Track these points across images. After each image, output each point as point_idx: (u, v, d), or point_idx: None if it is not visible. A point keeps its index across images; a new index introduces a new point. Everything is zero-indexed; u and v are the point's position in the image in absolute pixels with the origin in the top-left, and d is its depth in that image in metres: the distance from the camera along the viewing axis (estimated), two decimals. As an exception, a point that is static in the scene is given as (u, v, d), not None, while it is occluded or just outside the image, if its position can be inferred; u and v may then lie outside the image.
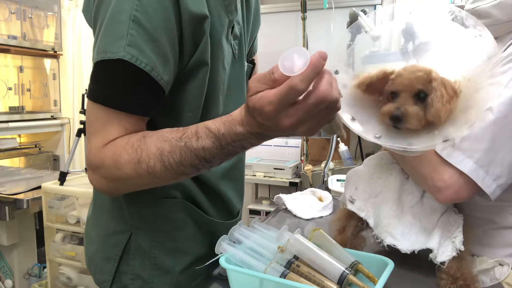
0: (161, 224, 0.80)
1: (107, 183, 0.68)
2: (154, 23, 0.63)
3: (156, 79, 0.65)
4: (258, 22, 0.99)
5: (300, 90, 0.51)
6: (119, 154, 0.64)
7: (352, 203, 0.87)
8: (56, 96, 3.34)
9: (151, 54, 0.63)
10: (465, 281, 0.72)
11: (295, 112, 0.53)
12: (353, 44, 0.94)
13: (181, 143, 0.62)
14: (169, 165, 0.62)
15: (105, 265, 0.82)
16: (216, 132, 0.60)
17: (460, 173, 0.72)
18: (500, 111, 0.72)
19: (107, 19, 0.64)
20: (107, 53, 0.63)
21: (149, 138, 0.64)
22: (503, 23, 0.82)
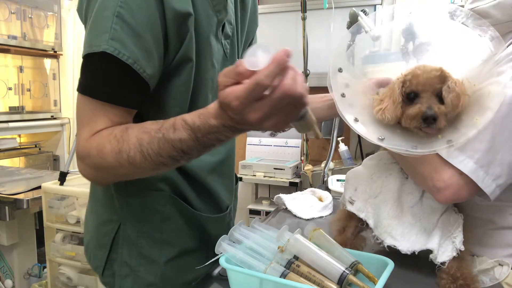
0: (148, 215, 0.83)
1: (93, 172, 0.71)
2: (137, 19, 0.66)
3: (139, 72, 0.67)
4: (255, 23, 1.00)
5: (264, 86, 0.52)
6: (103, 144, 0.67)
7: (351, 204, 0.87)
8: (56, 96, 3.33)
9: (134, 48, 0.66)
10: (465, 281, 0.72)
11: (261, 107, 0.54)
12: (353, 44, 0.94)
13: (159, 135, 0.64)
14: (148, 155, 0.65)
15: (98, 252, 0.87)
16: (192, 124, 0.62)
17: (460, 173, 0.72)
18: (500, 111, 0.72)
19: (94, 15, 0.67)
20: (92, 47, 0.66)
21: (130, 129, 0.67)
22: (502, 23, 0.82)
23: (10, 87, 2.95)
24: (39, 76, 3.23)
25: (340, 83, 0.82)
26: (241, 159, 2.94)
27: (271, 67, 0.52)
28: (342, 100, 0.78)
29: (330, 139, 2.20)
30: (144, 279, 0.84)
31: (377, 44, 0.99)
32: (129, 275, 0.84)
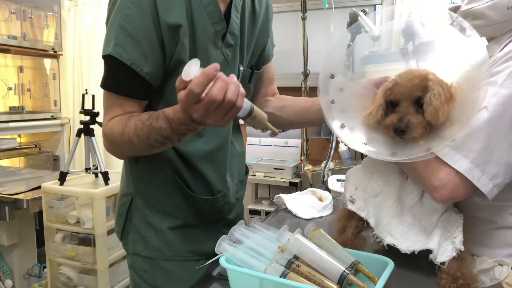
0: (152, 190, 1.00)
1: (110, 147, 0.92)
2: (136, 30, 0.85)
3: (136, 71, 0.86)
4: (266, 35, 1.10)
5: (196, 93, 0.67)
6: (113, 127, 0.88)
7: (352, 203, 0.87)
8: (56, 96, 3.33)
9: (133, 52, 0.85)
10: (465, 281, 0.72)
11: (198, 109, 0.70)
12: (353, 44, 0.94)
13: (147, 123, 0.82)
14: (141, 138, 0.84)
15: (118, 219, 1.06)
16: (168, 116, 0.79)
17: (456, 172, 0.72)
18: (496, 110, 0.72)
19: (108, 27, 0.88)
20: (103, 51, 0.87)
21: (132, 117, 0.87)
22: (498, 24, 0.82)
23: (10, 87, 2.95)
24: (39, 76, 3.23)
25: (332, 89, 0.84)
26: (241, 159, 2.94)
27: (200, 78, 0.67)
28: (331, 107, 0.82)
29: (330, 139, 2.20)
30: (152, 244, 1.00)
31: (377, 44, 0.99)
32: (141, 240, 1.01)
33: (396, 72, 0.79)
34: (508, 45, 0.79)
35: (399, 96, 0.75)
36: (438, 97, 0.70)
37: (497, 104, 0.72)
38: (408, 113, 0.73)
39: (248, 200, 3.02)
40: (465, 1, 0.87)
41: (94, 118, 2.03)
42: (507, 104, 0.72)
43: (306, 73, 2.80)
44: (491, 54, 0.83)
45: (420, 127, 0.72)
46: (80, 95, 2.46)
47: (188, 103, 0.70)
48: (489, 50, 0.85)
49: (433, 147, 0.71)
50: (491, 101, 0.73)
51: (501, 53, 0.77)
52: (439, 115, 0.70)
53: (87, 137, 2.01)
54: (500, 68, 0.75)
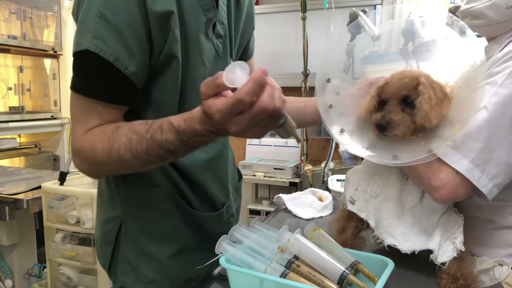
0: (146, 211, 0.86)
1: (87, 166, 0.75)
2: (119, 19, 0.69)
3: (120, 69, 0.70)
4: (251, 25, 1.01)
5: (245, 103, 0.57)
6: (94, 142, 0.71)
7: (352, 203, 0.87)
8: (56, 96, 3.33)
9: (116, 46, 0.69)
10: (466, 281, 0.72)
11: (241, 121, 0.59)
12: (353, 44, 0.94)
13: (147, 135, 0.68)
14: (137, 154, 0.69)
15: (104, 249, 0.90)
16: (178, 128, 0.66)
17: (456, 172, 0.72)
18: (496, 110, 0.72)
19: (81, 16, 0.71)
20: (76, 45, 0.70)
21: (121, 129, 0.71)
22: (497, 24, 0.82)
23: (10, 87, 2.95)
24: (39, 76, 3.23)
25: (330, 92, 0.84)
26: (241, 159, 2.94)
27: (250, 85, 0.56)
28: (329, 112, 0.82)
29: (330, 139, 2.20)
30: (145, 276, 0.86)
31: (377, 44, 0.99)
32: (131, 272, 0.86)
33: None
34: (508, 45, 0.79)
35: (388, 95, 0.76)
36: (428, 101, 0.71)
37: (497, 104, 0.72)
38: (391, 111, 0.74)
39: (248, 200, 3.02)
40: (464, 1, 0.87)
41: (94, 118, 2.03)
42: (507, 104, 0.72)
43: (306, 73, 2.80)
44: (491, 54, 0.83)
45: (402, 125, 0.73)
46: (80, 95, 2.46)
47: (231, 114, 0.58)
48: (489, 50, 0.85)
49: (434, 148, 0.71)
50: (491, 101, 0.73)
51: (501, 53, 0.77)
52: (431, 118, 0.71)
53: (87, 137, 2.01)
54: (500, 68, 0.75)
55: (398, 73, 0.77)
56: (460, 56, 0.79)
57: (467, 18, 0.86)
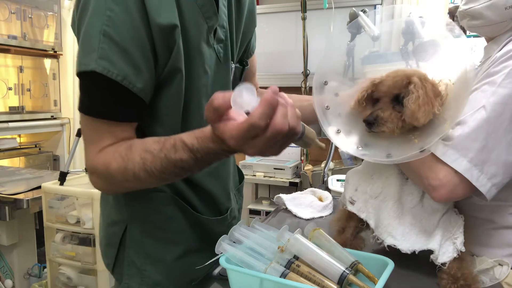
0: (151, 215, 0.86)
1: (103, 184, 0.76)
2: (123, 36, 0.68)
3: (129, 88, 0.69)
4: (253, 23, 0.99)
5: (260, 127, 0.55)
6: (109, 162, 0.71)
7: (352, 204, 0.87)
8: (56, 96, 3.33)
9: (122, 64, 0.68)
10: (466, 281, 0.72)
11: (257, 144, 0.57)
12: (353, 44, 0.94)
13: (161, 155, 0.67)
14: (152, 173, 0.69)
15: (108, 251, 0.92)
16: (191, 147, 0.65)
17: (454, 171, 0.73)
18: (494, 110, 0.72)
19: (82, 34, 0.70)
20: (81, 66, 0.68)
21: (134, 148, 0.71)
22: (496, 24, 0.82)
23: (10, 87, 2.95)
24: (39, 76, 3.23)
25: (328, 93, 0.84)
26: (241, 159, 2.94)
27: (262, 108, 0.54)
28: (326, 113, 0.82)
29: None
30: (151, 278, 0.86)
31: (377, 44, 0.99)
32: (136, 275, 0.87)
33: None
34: (506, 45, 0.79)
35: (381, 93, 0.76)
36: (415, 100, 0.71)
37: (496, 103, 0.72)
38: (380, 108, 0.75)
39: (248, 200, 3.02)
40: (463, 1, 0.87)
41: (94, 118, 2.03)
42: (506, 103, 0.72)
43: (306, 73, 2.80)
44: (490, 54, 0.83)
45: (390, 122, 0.74)
46: (80, 95, 2.46)
47: (246, 139, 0.57)
48: (488, 51, 0.85)
49: (425, 144, 0.71)
50: (489, 101, 0.73)
51: (500, 53, 0.77)
52: (418, 116, 0.71)
53: (87, 137, 2.01)
54: (499, 68, 0.75)
55: (392, 72, 0.78)
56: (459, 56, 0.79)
57: (466, 18, 0.86)
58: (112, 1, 0.67)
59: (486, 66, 0.79)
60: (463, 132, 0.73)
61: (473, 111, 0.73)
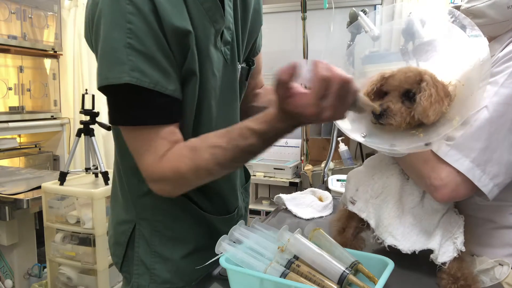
0: (160, 215, 0.88)
1: (170, 189, 0.78)
2: (147, 45, 0.70)
3: (161, 91, 0.72)
4: (259, 22, 0.99)
5: (328, 78, 0.59)
6: (177, 166, 0.74)
7: (353, 204, 0.87)
8: (56, 96, 3.33)
9: (152, 72, 0.71)
10: (466, 281, 0.72)
11: (329, 102, 0.61)
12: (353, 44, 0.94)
13: (231, 146, 0.71)
14: (224, 165, 0.73)
15: (116, 249, 0.94)
16: (260, 131, 0.69)
17: (457, 171, 0.73)
18: (497, 110, 0.72)
19: (103, 48, 0.71)
20: (109, 79, 0.70)
21: (198, 147, 0.74)
22: (498, 23, 0.82)
23: (10, 87, 2.95)
24: (39, 76, 3.23)
25: None
26: (241, 159, 2.94)
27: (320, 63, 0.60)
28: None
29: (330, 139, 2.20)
30: (160, 277, 0.88)
31: (377, 44, 0.99)
32: (146, 273, 0.89)
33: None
34: (509, 45, 0.79)
35: (391, 87, 0.76)
36: (428, 97, 0.71)
37: (498, 103, 0.72)
38: (390, 101, 0.75)
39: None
40: (465, 0, 0.87)
41: (94, 118, 2.03)
42: (508, 103, 0.72)
43: (306, 73, 2.80)
44: (492, 53, 0.83)
45: (399, 115, 0.73)
46: (80, 95, 2.46)
47: (320, 99, 0.60)
48: (490, 50, 0.85)
49: (431, 138, 0.71)
50: (492, 101, 0.73)
51: (502, 53, 0.77)
52: (429, 114, 0.71)
53: (87, 137, 2.01)
54: (501, 68, 0.75)
55: (404, 68, 0.77)
56: (462, 55, 0.79)
57: (468, 17, 0.86)
58: (129, 13, 0.69)
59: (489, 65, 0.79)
60: (465, 132, 0.73)
61: (475, 111, 0.73)
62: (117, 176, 0.94)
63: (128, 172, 0.89)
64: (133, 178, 0.88)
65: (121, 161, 0.90)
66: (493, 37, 0.86)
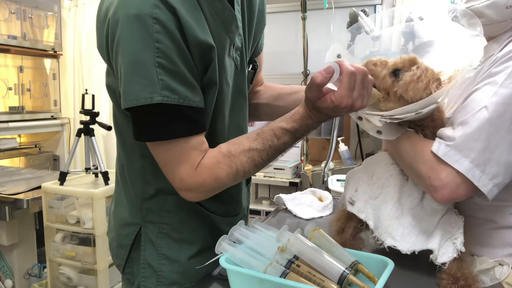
0: (166, 217, 0.89)
1: (205, 195, 0.81)
2: (175, 63, 0.72)
3: (189, 105, 0.74)
4: (263, 23, 1.01)
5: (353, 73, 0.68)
6: (216, 172, 0.77)
7: (352, 204, 0.87)
8: (56, 96, 3.33)
9: (180, 89, 0.72)
10: (466, 281, 0.72)
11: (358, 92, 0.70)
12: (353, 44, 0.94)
13: (265, 146, 0.77)
14: (260, 165, 0.79)
15: (119, 251, 0.94)
16: (292, 130, 0.76)
17: (456, 172, 0.73)
18: (496, 110, 0.72)
19: (132, 67, 0.71)
20: (139, 100, 0.71)
21: (233, 152, 0.78)
22: (497, 23, 0.82)
23: (10, 87, 2.95)
24: (39, 76, 3.23)
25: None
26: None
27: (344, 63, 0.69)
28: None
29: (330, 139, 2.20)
30: (168, 278, 0.89)
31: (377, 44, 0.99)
32: (153, 275, 0.89)
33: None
34: (507, 45, 0.79)
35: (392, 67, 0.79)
36: (411, 76, 0.75)
37: (497, 103, 0.72)
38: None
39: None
40: (463, 0, 0.87)
41: (94, 118, 2.03)
42: (507, 103, 0.72)
43: (306, 73, 2.80)
44: (491, 53, 0.83)
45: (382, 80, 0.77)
46: (80, 95, 2.46)
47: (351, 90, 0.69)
48: (488, 50, 0.85)
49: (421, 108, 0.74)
50: (491, 101, 0.73)
51: (501, 53, 0.77)
52: (409, 89, 0.74)
53: (87, 137, 2.01)
54: (500, 68, 0.75)
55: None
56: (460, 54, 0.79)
57: (466, 17, 0.86)
58: (157, 32, 0.69)
59: (487, 66, 0.79)
60: (464, 132, 0.73)
61: (475, 111, 0.73)
62: (121, 179, 0.94)
63: (134, 175, 0.89)
64: (139, 181, 0.88)
65: (127, 164, 0.90)
66: (492, 37, 0.86)
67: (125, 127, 0.87)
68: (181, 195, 0.80)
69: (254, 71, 1.00)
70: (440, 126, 0.80)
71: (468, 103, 0.76)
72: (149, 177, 0.87)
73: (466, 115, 0.74)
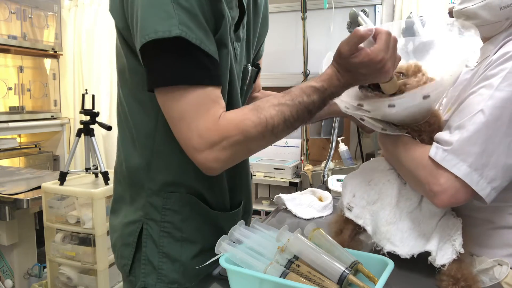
0: (168, 216, 0.87)
1: (228, 155, 0.72)
2: (191, 2, 0.69)
3: (206, 50, 0.70)
4: (266, 27, 1.02)
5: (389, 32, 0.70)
6: (243, 122, 0.71)
7: (350, 210, 0.87)
8: (56, 96, 3.33)
9: (196, 29, 0.69)
10: (467, 282, 0.72)
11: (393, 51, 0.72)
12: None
13: (295, 102, 0.73)
14: (289, 121, 0.74)
15: (124, 251, 0.91)
16: (321, 88, 0.74)
17: (455, 177, 0.72)
18: (492, 114, 0.72)
19: (147, 3, 0.69)
20: (158, 32, 0.67)
21: (262, 106, 0.73)
22: (491, 24, 0.82)
23: (10, 87, 2.95)
24: (39, 76, 3.23)
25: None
26: (241, 159, 2.94)
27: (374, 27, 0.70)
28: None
29: (330, 139, 2.20)
30: (168, 277, 0.88)
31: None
32: (153, 273, 0.88)
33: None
34: (502, 47, 0.79)
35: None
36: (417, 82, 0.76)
37: (493, 107, 0.72)
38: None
39: (248, 200, 3.01)
40: (458, 1, 0.87)
41: (94, 118, 2.03)
42: (503, 107, 0.72)
43: (306, 73, 2.80)
44: (487, 54, 0.83)
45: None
46: (80, 95, 2.46)
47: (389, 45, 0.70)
48: (484, 51, 0.85)
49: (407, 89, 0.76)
50: (487, 104, 0.72)
51: (496, 56, 0.77)
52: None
53: (87, 137, 2.01)
54: (496, 70, 0.75)
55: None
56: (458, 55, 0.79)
57: (461, 18, 0.86)
58: None
59: (483, 68, 0.79)
60: (462, 137, 0.73)
61: (471, 115, 0.73)
62: (121, 177, 0.94)
63: (137, 171, 0.88)
64: (143, 177, 0.87)
65: (129, 161, 0.89)
66: (487, 38, 0.86)
67: (136, 115, 0.84)
68: (197, 162, 0.72)
69: (257, 71, 1.00)
70: (437, 130, 0.81)
71: (465, 107, 0.76)
72: (153, 174, 0.86)
73: (462, 119, 0.74)
